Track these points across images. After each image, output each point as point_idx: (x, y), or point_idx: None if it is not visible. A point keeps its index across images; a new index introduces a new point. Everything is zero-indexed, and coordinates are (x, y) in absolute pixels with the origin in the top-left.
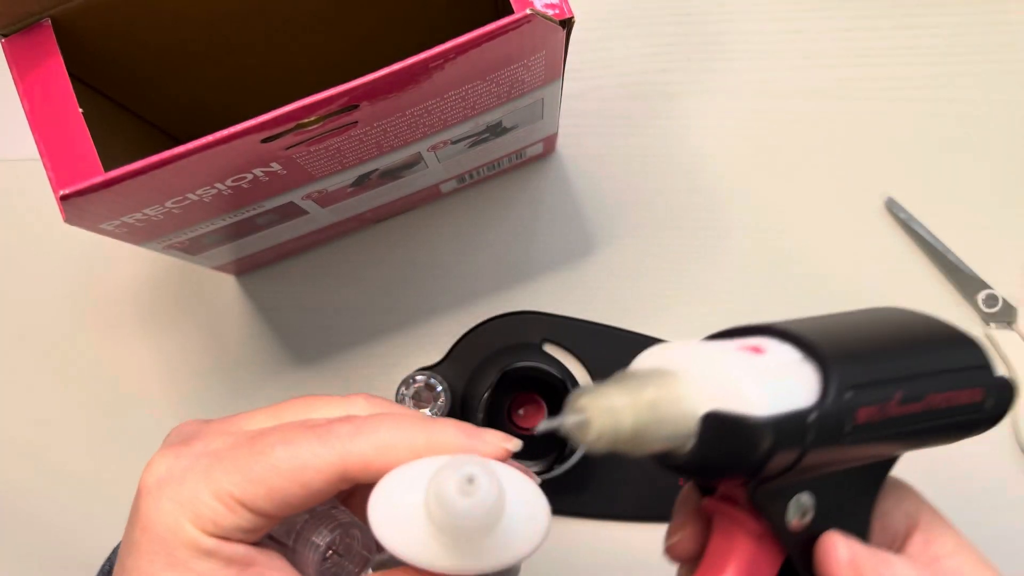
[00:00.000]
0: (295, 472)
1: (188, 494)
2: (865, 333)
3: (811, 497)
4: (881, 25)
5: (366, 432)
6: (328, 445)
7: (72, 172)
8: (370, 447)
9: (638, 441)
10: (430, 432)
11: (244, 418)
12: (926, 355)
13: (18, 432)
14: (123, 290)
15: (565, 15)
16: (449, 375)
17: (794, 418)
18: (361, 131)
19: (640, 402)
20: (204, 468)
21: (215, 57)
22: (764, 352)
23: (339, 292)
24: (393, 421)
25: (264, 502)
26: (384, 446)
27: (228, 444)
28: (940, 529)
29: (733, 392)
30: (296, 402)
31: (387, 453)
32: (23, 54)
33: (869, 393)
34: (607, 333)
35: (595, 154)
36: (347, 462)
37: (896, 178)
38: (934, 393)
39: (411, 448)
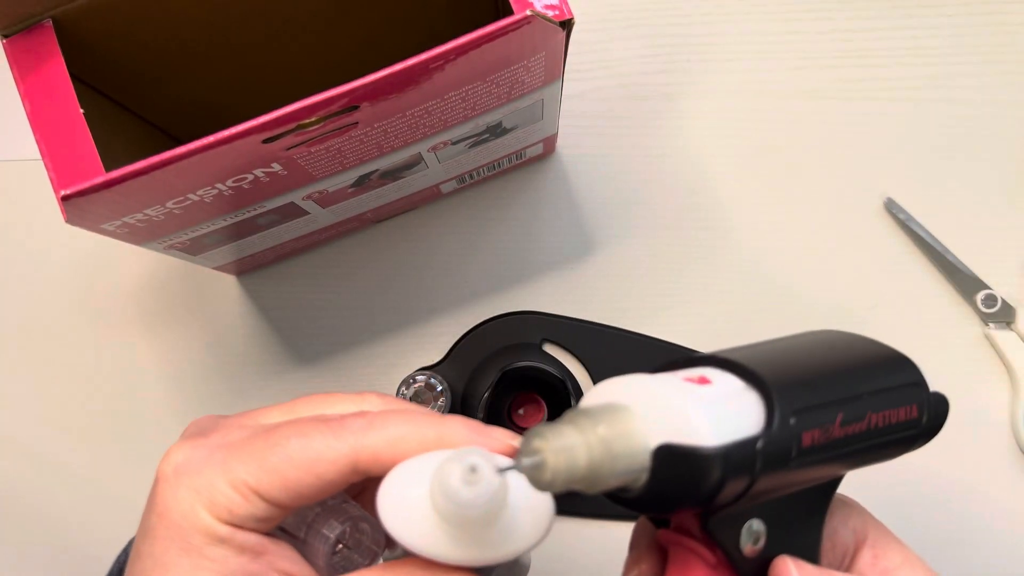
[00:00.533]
0: (309, 463)
1: (205, 482)
2: (804, 358)
3: (762, 523)
4: (880, 26)
5: (378, 426)
6: (341, 438)
7: (73, 172)
8: (382, 440)
9: (593, 479)
10: (440, 427)
11: (260, 413)
12: (864, 376)
13: (18, 431)
14: (124, 290)
15: (565, 16)
16: (449, 375)
17: (743, 446)
18: (362, 132)
19: (593, 440)
20: (221, 458)
21: (216, 58)
22: (709, 383)
23: (339, 292)
24: (404, 417)
25: (279, 492)
26: (395, 440)
27: (245, 436)
28: (887, 543)
29: (682, 424)
30: (310, 398)
31: (398, 446)
32: (24, 55)
33: (812, 417)
34: (607, 333)
35: (595, 154)
36: (359, 454)
37: (895, 178)
38: (873, 412)
39: (421, 442)
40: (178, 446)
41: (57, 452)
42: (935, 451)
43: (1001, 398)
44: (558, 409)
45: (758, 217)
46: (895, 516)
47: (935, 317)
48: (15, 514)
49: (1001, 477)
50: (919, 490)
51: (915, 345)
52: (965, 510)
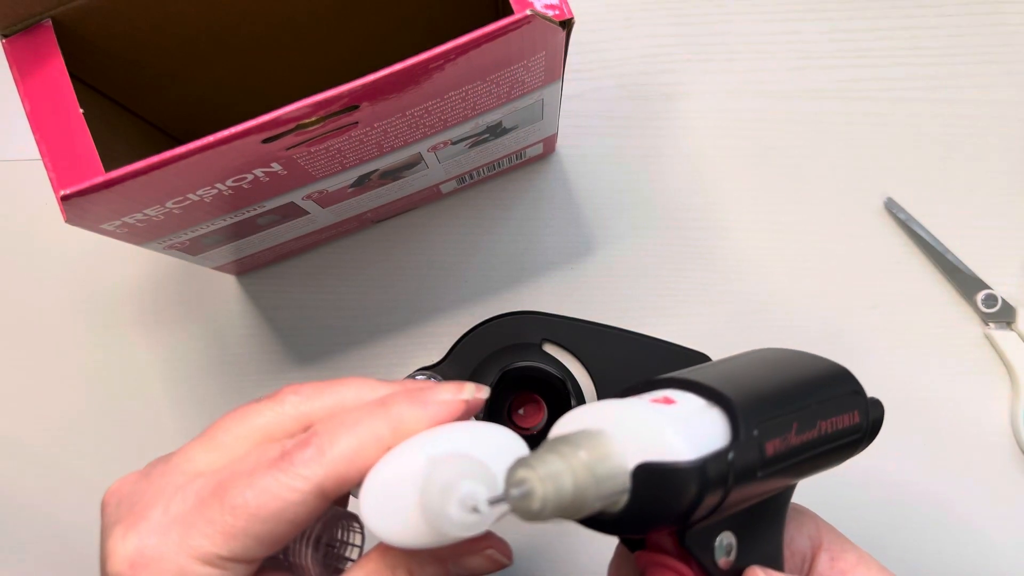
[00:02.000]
0: (275, 513)
1: (172, 569)
2: (757, 374)
3: (732, 535)
4: (880, 26)
5: (328, 449)
6: (297, 476)
7: (73, 172)
8: (340, 462)
9: (579, 504)
10: (389, 420)
11: (182, 457)
12: (811, 388)
13: (18, 431)
14: (124, 290)
15: (565, 16)
16: (449, 375)
17: (716, 459)
18: (361, 132)
19: (576, 464)
20: (179, 539)
21: (216, 57)
22: (674, 403)
23: (339, 292)
24: (348, 426)
25: (253, 549)
26: (351, 455)
27: (190, 503)
28: (842, 546)
29: (658, 442)
30: (226, 422)
31: (357, 461)
32: (24, 55)
33: (772, 428)
34: (607, 333)
35: (595, 154)
36: (323, 484)
37: (895, 178)
38: (822, 420)
39: (378, 445)
40: (119, 536)
41: (57, 452)
42: (935, 451)
43: (1001, 398)
44: (558, 409)
45: (758, 217)
46: (894, 517)
47: (935, 317)
48: (15, 514)
49: (1001, 477)
50: (919, 490)
51: (915, 345)
52: (965, 510)
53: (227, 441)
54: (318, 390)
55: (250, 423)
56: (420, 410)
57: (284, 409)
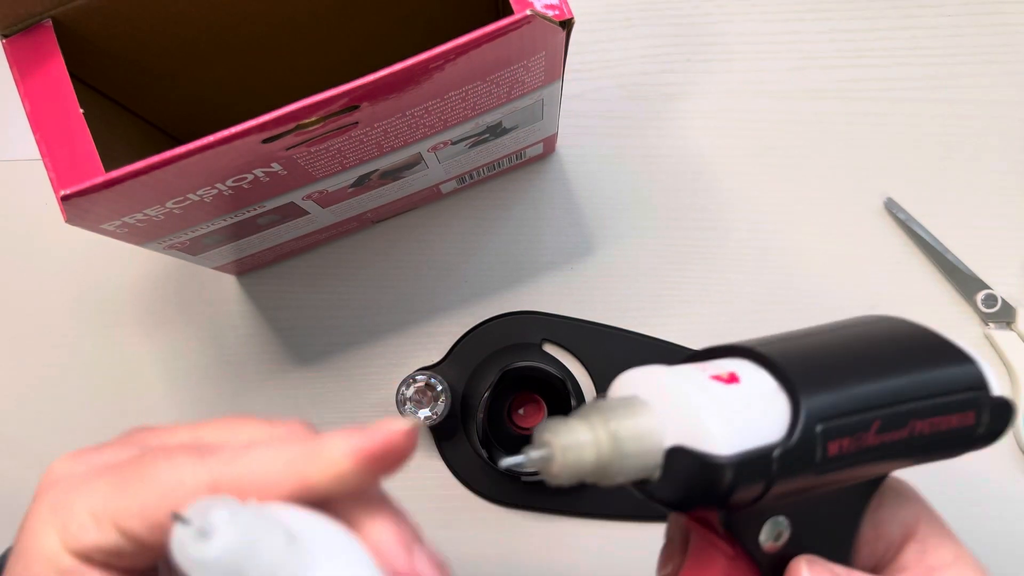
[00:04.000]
0: (168, 489)
1: (64, 503)
2: (846, 354)
3: (787, 520)
4: (879, 26)
5: (242, 457)
6: (206, 465)
7: (73, 172)
8: (244, 470)
9: (603, 473)
10: (299, 457)
11: (166, 431)
12: (912, 378)
13: (18, 431)
14: (124, 290)
15: (565, 16)
16: (449, 375)
17: (758, 455)
18: (361, 132)
19: (602, 437)
20: (91, 478)
21: (216, 57)
22: (738, 381)
23: (339, 292)
24: (266, 444)
25: (135, 520)
26: (256, 469)
27: (126, 457)
28: (938, 539)
29: (698, 429)
30: (219, 421)
31: (259, 475)
32: (24, 55)
33: (844, 425)
34: (607, 333)
35: (595, 154)
36: (219, 483)
37: (895, 178)
38: (918, 420)
39: (284, 474)
40: (66, 456)
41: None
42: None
43: None
44: (558, 409)
45: (758, 217)
46: None
47: (935, 317)
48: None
49: (1001, 477)
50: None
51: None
52: (965, 510)
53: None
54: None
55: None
56: (347, 437)
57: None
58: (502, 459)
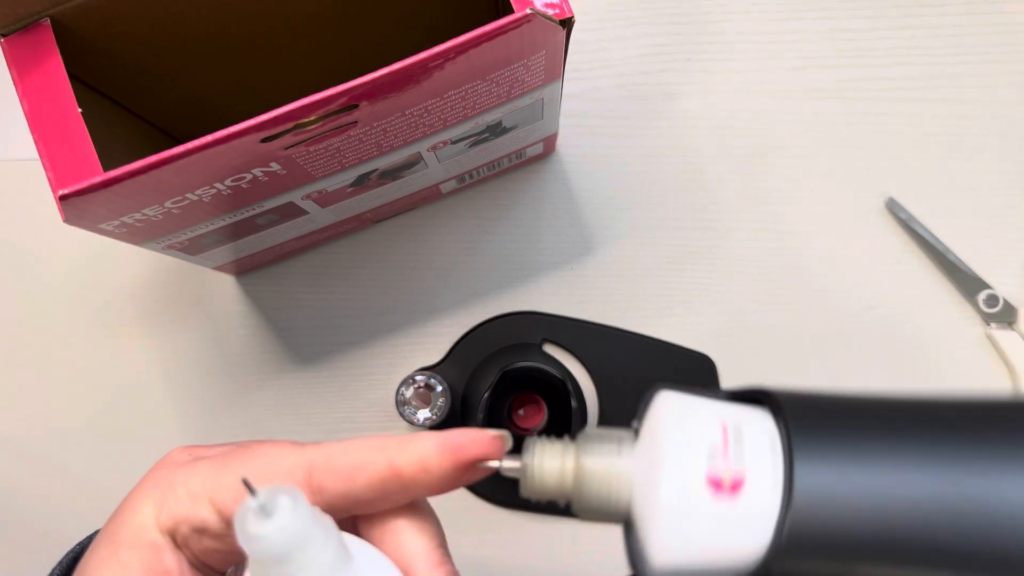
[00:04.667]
0: (265, 468)
1: (168, 478)
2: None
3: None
4: (880, 25)
5: (338, 443)
6: (303, 449)
7: (71, 172)
8: (339, 452)
9: (575, 504)
10: (390, 445)
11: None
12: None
13: (18, 431)
14: (122, 290)
15: (565, 15)
16: (449, 375)
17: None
18: (361, 131)
19: (568, 468)
20: (197, 461)
21: (215, 57)
22: (739, 492)
23: (339, 292)
24: (365, 438)
25: (228, 494)
26: (350, 453)
27: (235, 447)
28: None
29: (651, 519)
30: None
31: (352, 459)
32: (22, 54)
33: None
34: (607, 333)
35: (595, 154)
36: (315, 465)
37: (896, 178)
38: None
39: (373, 455)
40: (180, 448)
41: (57, 452)
42: None
43: None
44: (558, 409)
45: (758, 217)
46: None
47: (936, 317)
48: (15, 514)
49: None
50: None
51: (916, 345)
52: None
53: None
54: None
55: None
56: (431, 438)
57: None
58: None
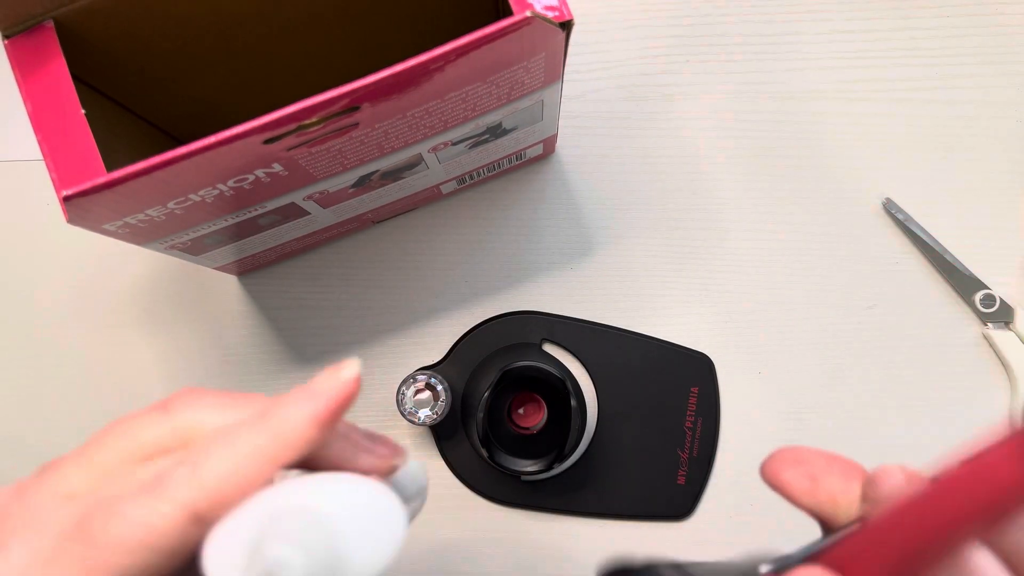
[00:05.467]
0: (142, 543)
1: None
2: None
3: None
4: (878, 27)
5: (201, 469)
6: (165, 499)
7: (75, 173)
8: (214, 480)
9: None
10: (269, 427)
11: (55, 476)
12: None
13: (18, 432)
14: (125, 290)
15: (565, 17)
16: (450, 375)
17: None
18: (362, 132)
19: None
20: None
21: (217, 58)
22: None
23: (340, 292)
24: (224, 442)
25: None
26: (227, 474)
27: (52, 537)
28: None
29: None
30: (106, 435)
31: (235, 479)
32: (26, 55)
33: None
34: (607, 333)
35: (595, 155)
36: (196, 509)
37: (894, 179)
38: None
39: (260, 460)
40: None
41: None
42: (934, 452)
43: (1000, 398)
44: (558, 409)
45: (757, 217)
46: None
47: (934, 317)
48: None
49: None
50: None
51: (914, 345)
52: None
53: (104, 459)
54: (216, 405)
55: (131, 437)
56: (302, 406)
57: (172, 424)
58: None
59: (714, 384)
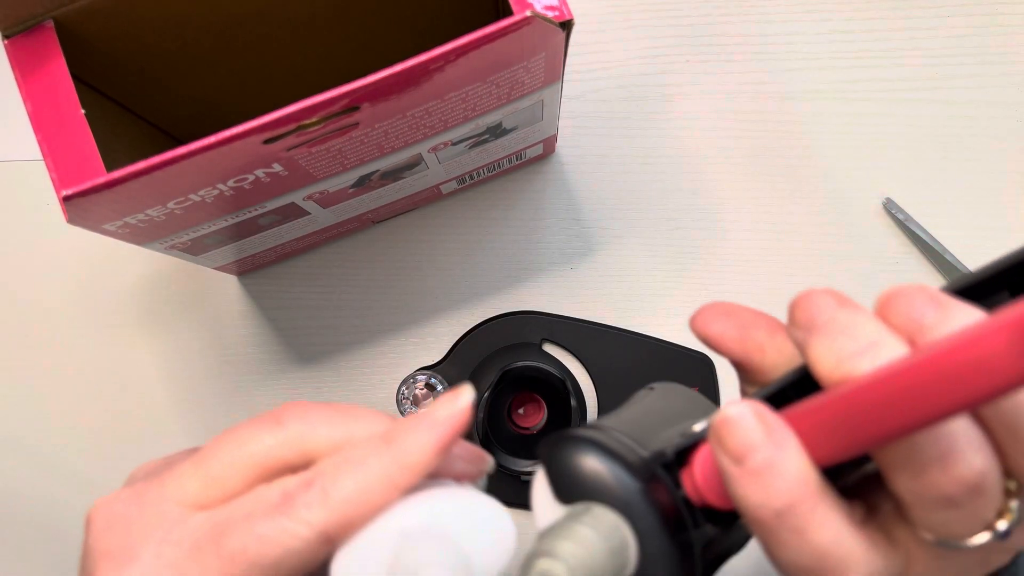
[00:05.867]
0: (276, 561)
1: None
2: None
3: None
4: (878, 27)
5: (332, 492)
6: (299, 520)
7: (75, 173)
8: (346, 504)
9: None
10: (395, 453)
11: (174, 485)
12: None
13: (19, 432)
14: (125, 290)
15: (565, 17)
16: (450, 375)
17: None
18: (362, 132)
19: (592, 544)
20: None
21: (217, 58)
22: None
23: (340, 292)
24: (353, 465)
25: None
26: (357, 497)
27: (185, 548)
28: None
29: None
30: (223, 446)
31: (363, 503)
32: (26, 55)
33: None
34: (607, 333)
35: (595, 155)
36: (327, 530)
37: (894, 179)
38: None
39: (387, 485)
40: (108, 573)
41: (58, 452)
42: None
43: None
44: (558, 409)
45: (757, 217)
46: None
47: None
48: (16, 514)
49: None
50: None
51: None
52: None
53: (221, 471)
54: (326, 419)
55: (247, 450)
56: (425, 434)
57: (286, 436)
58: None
59: (714, 384)
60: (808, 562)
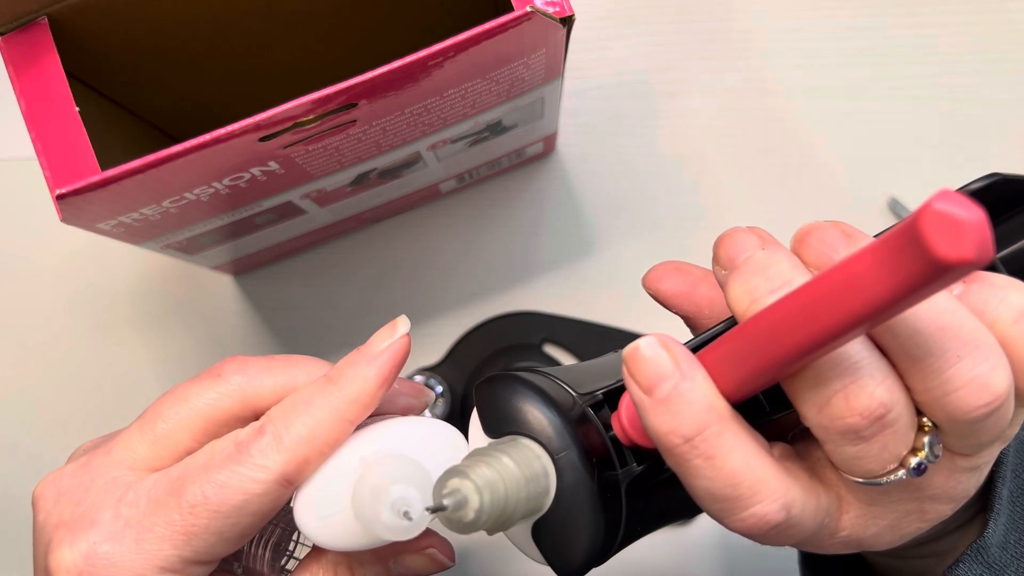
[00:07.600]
0: (238, 507)
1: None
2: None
3: None
4: (883, 24)
5: (285, 436)
6: (256, 467)
7: (69, 171)
8: (300, 445)
9: (509, 513)
10: (341, 390)
11: (121, 450)
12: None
13: (17, 432)
14: (120, 290)
15: (565, 13)
16: (449, 375)
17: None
18: (360, 130)
19: (504, 470)
20: (134, 544)
21: (213, 56)
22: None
23: (338, 292)
24: (302, 407)
25: (217, 547)
26: (310, 437)
27: (143, 505)
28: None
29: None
30: (166, 405)
31: (317, 441)
32: (20, 53)
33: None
34: (607, 333)
35: (595, 153)
36: (285, 473)
37: (899, 177)
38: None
39: (337, 422)
40: (65, 542)
41: (55, 453)
42: None
43: None
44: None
45: (760, 216)
46: None
47: None
48: (15, 516)
49: None
50: None
51: None
52: None
53: (168, 430)
54: (266, 368)
55: (190, 404)
56: (366, 368)
57: (227, 388)
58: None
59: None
60: (721, 489)
